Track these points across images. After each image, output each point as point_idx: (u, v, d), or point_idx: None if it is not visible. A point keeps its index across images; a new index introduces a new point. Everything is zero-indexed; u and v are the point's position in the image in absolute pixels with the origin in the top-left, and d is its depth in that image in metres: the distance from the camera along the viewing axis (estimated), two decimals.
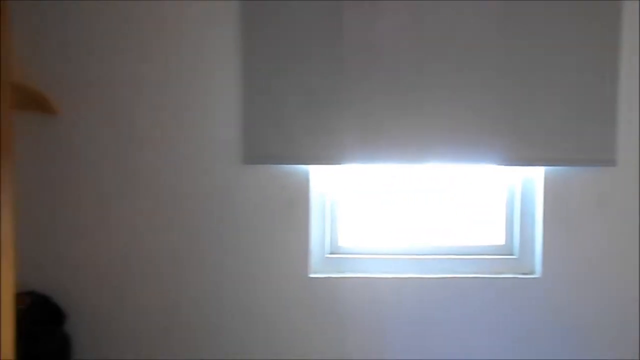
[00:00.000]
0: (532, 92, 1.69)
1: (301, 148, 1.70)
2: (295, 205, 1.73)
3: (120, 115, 1.72)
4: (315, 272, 1.77)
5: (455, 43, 1.68)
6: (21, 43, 1.61)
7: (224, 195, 1.74)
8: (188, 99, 1.72)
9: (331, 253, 1.83)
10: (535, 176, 1.79)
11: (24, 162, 1.60)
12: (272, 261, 1.76)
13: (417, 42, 1.68)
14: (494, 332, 1.78)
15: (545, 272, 1.76)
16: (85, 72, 1.70)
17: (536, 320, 1.77)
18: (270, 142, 1.70)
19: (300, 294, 1.76)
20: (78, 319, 1.70)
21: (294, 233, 1.75)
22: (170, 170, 1.73)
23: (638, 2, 1.69)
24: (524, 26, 1.68)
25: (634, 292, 1.76)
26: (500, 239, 1.86)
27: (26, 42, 1.66)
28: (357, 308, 1.77)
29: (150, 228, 1.74)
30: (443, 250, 1.85)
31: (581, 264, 1.76)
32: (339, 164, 1.73)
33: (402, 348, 1.78)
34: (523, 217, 1.81)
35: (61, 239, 1.73)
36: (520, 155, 1.71)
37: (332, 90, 1.69)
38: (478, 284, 1.77)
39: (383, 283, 1.76)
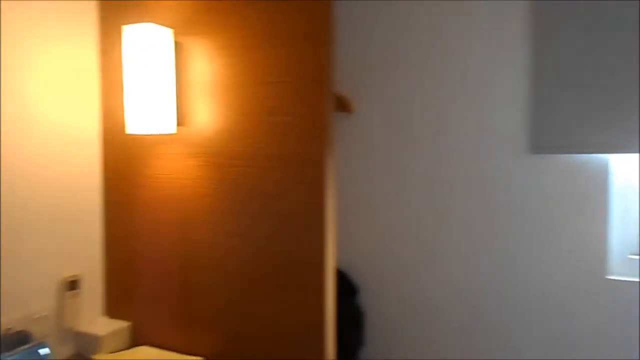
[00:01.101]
0: None
1: (599, 136, 1.54)
2: (591, 198, 1.57)
3: (408, 109, 1.86)
4: (614, 274, 1.58)
5: None
6: None
7: (510, 186, 1.71)
8: (473, 90, 1.74)
9: (634, 253, 1.60)
10: None
11: None
12: (564, 258, 1.64)
13: None
14: None
15: None
16: (374, 71, 1.89)
17: None
18: (561, 130, 1.59)
19: (595, 297, 1.60)
20: (367, 292, 1.93)
21: (589, 229, 1.59)
22: (454, 160, 1.79)
23: None
24: None
25: None
26: None
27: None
28: None
29: (434, 216, 1.84)
30: None
31: None
32: None
33: None
34: None
35: (355, 222, 1.97)
36: None
37: (632, 75, 1.47)
38: None
39: None
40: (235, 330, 1.41)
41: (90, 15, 1.54)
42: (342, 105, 1.83)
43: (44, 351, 1.07)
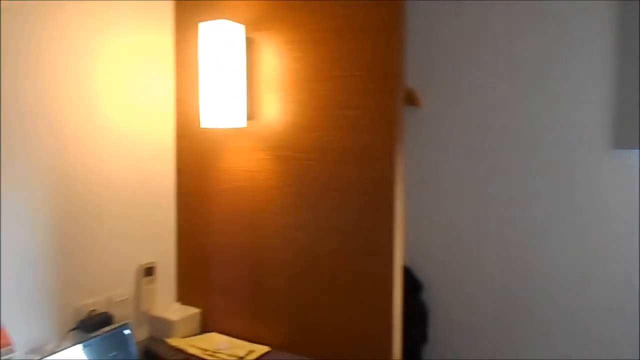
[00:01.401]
0: None
1: None
2: None
3: (482, 105, 1.81)
4: None
5: None
6: None
7: (592, 182, 1.64)
8: (554, 86, 1.68)
9: None
10: None
11: None
12: None
13: None
14: None
15: None
16: (445, 65, 1.85)
17: None
18: None
19: None
20: (432, 289, 1.90)
21: None
22: (532, 156, 1.73)
23: None
24: None
25: None
26: None
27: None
28: None
29: (507, 213, 1.78)
30: None
31: None
32: None
33: None
34: None
35: (421, 218, 1.95)
36: None
37: None
38: None
39: None
40: (302, 321, 1.44)
41: (166, 14, 1.61)
42: (411, 99, 1.80)
43: (127, 332, 1.14)
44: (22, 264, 1.24)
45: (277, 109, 1.45)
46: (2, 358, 1.09)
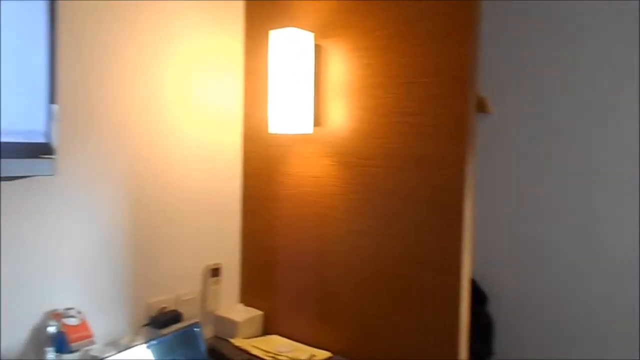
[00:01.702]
0: None
1: None
2: None
3: (557, 111, 1.74)
4: None
5: None
6: None
7: None
8: (633, 89, 1.58)
9: None
10: None
11: None
12: None
13: None
14: None
15: None
16: (516, 71, 1.79)
17: None
18: None
19: None
20: (498, 301, 1.84)
21: None
22: (608, 165, 1.64)
23: None
24: None
25: None
26: None
27: None
28: None
29: (577, 224, 1.69)
30: None
31: None
32: None
33: None
34: None
35: (487, 228, 1.88)
36: None
37: None
38: None
39: None
40: (364, 329, 1.43)
41: (237, 18, 1.66)
42: (480, 105, 1.76)
43: (197, 330, 1.18)
44: (102, 261, 1.31)
45: (342, 116, 1.46)
46: (84, 349, 1.15)
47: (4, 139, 0.93)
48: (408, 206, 1.34)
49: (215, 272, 1.61)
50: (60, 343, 1.13)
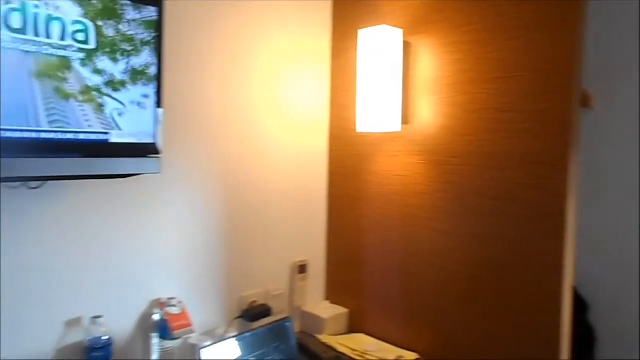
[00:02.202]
0: None
1: None
2: None
3: None
4: None
5: None
6: None
7: None
8: None
9: None
10: None
11: None
12: None
13: None
14: None
15: None
16: (616, 65, 1.66)
17: None
18: None
19: None
20: (599, 309, 1.71)
21: None
22: None
23: None
24: None
25: None
26: None
27: None
28: None
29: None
30: None
31: None
32: None
33: None
34: None
35: (587, 231, 1.76)
36: None
37: None
38: None
39: None
40: (452, 333, 1.38)
41: (325, 18, 1.68)
42: (582, 100, 1.63)
43: (288, 325, 1.21)
44: (199, 255, 1.39)
45: (431, 113, 1.42)
46: (184, 337, 1.23)
47: (123, 140, 1.01)
48: (500, 206, 1.28)
49: (302, 268, 1.64)
50: (164, 330, 1.21)
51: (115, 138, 1.01)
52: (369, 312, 1.61)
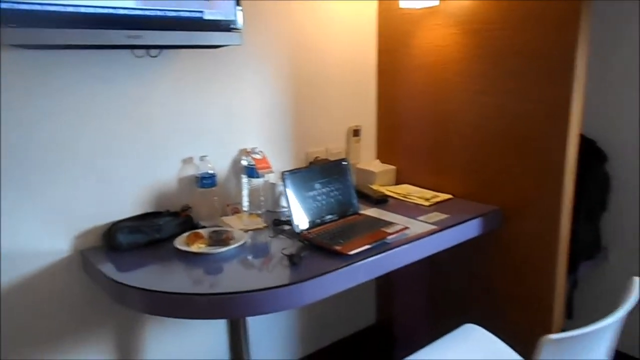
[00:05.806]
0: None
1: None
2: None
3: None
4: None
5: None
6: None
7: None
8: None
9: None
10: None
11: None
12: None
13: None
14: None
15: None
16: None
17: None
18: None
19: None
20: (617, 161, 1.93)
21: None
22: None
23: None
24: None
25: None
26: None
27: None
28: None
29: None
30: None
31: None
32: None
33: None
34: None
35: (602, 86, 1.93)
36: None
37: None
38: None
39: None
40: (483, 176, 1.69)
41: None
42: None
43: (344, 164, 1.56)
44: (274, 116, 1.73)
45: None
46: (266, 176, 1.61)
47: (214, 17, 1.32)
48: (526, 64, 1.50)
49: (356, 132, 1.96)
50: (251, 171, 1.59)
51: (208, 15, 1.32)
52: (411, 168, 1.93)
